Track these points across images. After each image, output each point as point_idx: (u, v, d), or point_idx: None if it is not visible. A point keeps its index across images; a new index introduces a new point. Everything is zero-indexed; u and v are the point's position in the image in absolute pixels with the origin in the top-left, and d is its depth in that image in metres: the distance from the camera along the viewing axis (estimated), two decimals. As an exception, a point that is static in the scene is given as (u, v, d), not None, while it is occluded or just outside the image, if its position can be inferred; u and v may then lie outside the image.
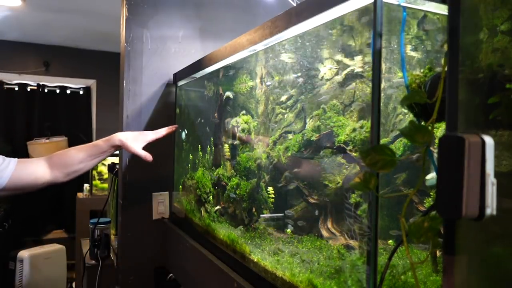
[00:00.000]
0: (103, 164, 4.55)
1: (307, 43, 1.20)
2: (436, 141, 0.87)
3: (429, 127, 0.67)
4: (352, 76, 1.15)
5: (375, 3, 0.75)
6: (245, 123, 1.36)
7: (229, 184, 1.46)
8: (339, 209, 1.19)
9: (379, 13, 0.75)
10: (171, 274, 1.95)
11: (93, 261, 2.16)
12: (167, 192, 2.07)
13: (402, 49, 0.80)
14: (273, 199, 1.30)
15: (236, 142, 1.44)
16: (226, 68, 1.53)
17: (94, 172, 4.51)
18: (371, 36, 0.79)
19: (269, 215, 1.33)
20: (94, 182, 4.49)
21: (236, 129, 1.44)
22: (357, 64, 1.09)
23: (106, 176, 4.50)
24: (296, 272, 0.99)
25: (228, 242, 1.37)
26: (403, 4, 0.78)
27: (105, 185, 4.45)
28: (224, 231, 1.43)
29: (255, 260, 1.18)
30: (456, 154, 0.54)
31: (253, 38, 1.20)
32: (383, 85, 1.20)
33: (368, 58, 1.10)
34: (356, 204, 1.00)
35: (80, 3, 3.55)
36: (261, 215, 1.32)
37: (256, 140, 1.37)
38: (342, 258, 1.03)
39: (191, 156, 1.86)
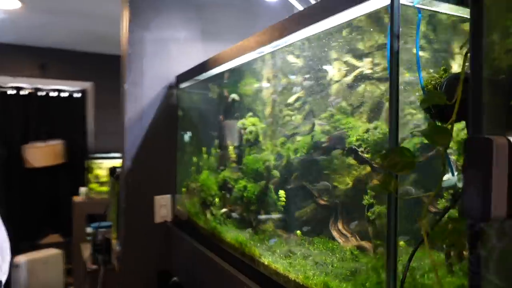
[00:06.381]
0: (100, 168, 4.52)
1: (318, 45, 1.19)
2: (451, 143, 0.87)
3: (449, 129, 0.67)
4: (362, 78, 1.15)
5: (391, 4, 0.74)
6: (253, 125, 1.36)
7: (236, 186, 1.45)
8: (350, 211, 1.19)
9: (396, 15, 0.75)
10: (175, 278, 1.94)
11: (95, 266, 2.14)
12: (169, 195, 2.06)
13: (417, 50, 0.80)
14: (283, 202, 1.29)
15: (243, 144, 1.44)
16: (232, 70, 1.52)
17: (91, 176, 4.48)
18: (388, 37, 0.79)
19: (278, 216, 1.32)
20: (91, 186, 4.45)
21: (242, 131, 1.43)
22: (368, 66, 1.09)
23: (103, 179, 4.47)
24: (310, 275, 0.99)
25: (236, 245, 1.36)
26: (418, 5, 0.78)
27: (103, 189, 4.41)
28: (231, 233, 1.42)
29: (266, 263, 1.18)
30: (484, 156, 0.54)
31: (261, 39, 1.20)
32: (386, 85, 1.20)
33: (378, 60, 1.10)
34: (370, 205, 1.00)
35: (77, 5, 3.53)
36: (271, 217, 1.31)
37: (264, 142, 1.37)
38: (355, 260, 1.02)
39: (195, 159, 1.85)
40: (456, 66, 1.07)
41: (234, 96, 1.50)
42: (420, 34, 1.11)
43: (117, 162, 3.93)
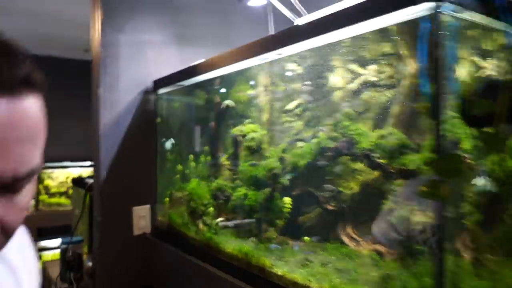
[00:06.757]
0: (50, 178, 4.23)
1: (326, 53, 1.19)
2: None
3: (501, 136, 0.70)
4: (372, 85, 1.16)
5: (435, 13, 0.76)
6: (253, 132, 1.33)
7: (234, 194, 1.41)
8: (359, 215, 1.20)
9: (438, 23, 0.76)
10: (159, 292, 1.85)
11: (66, 285, 1.99)
12: (148, 206, 1.96)
13: (454, 58, 0.83)
14: (288, 208, 1.28)
15: (242, 151, 1.40)
16: (226, 76, 1.48)
17: (41, 186, 4.17)
18: (421, 46, 0.80)
19: (283, 223, 1.30)
20: (40, 197, 4.15)
21: (240, 138, 1.40)
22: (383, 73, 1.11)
23: (54, 190, 4.18)
24: (337, 283, 0.98)
25: (239, 255, 1.32)
26: (456, 15, 0.80)
27: (54, 200, 4.13)
28: (232, 244, 1.37)
29: (279, 273, 1.15)
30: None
31: (267, 45, 1.17)
32: (395, 92, 1.23)
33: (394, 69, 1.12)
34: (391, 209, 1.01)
35: (23, 4, 3.29)
36: (276, 224, 1.29)
37: (267, 148, 1.34)
38: (376, 265, 1.03)
39: (180, 167, 1.78)
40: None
41: (228, 102, 1.45)
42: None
43: (74, 172, 3.70)
